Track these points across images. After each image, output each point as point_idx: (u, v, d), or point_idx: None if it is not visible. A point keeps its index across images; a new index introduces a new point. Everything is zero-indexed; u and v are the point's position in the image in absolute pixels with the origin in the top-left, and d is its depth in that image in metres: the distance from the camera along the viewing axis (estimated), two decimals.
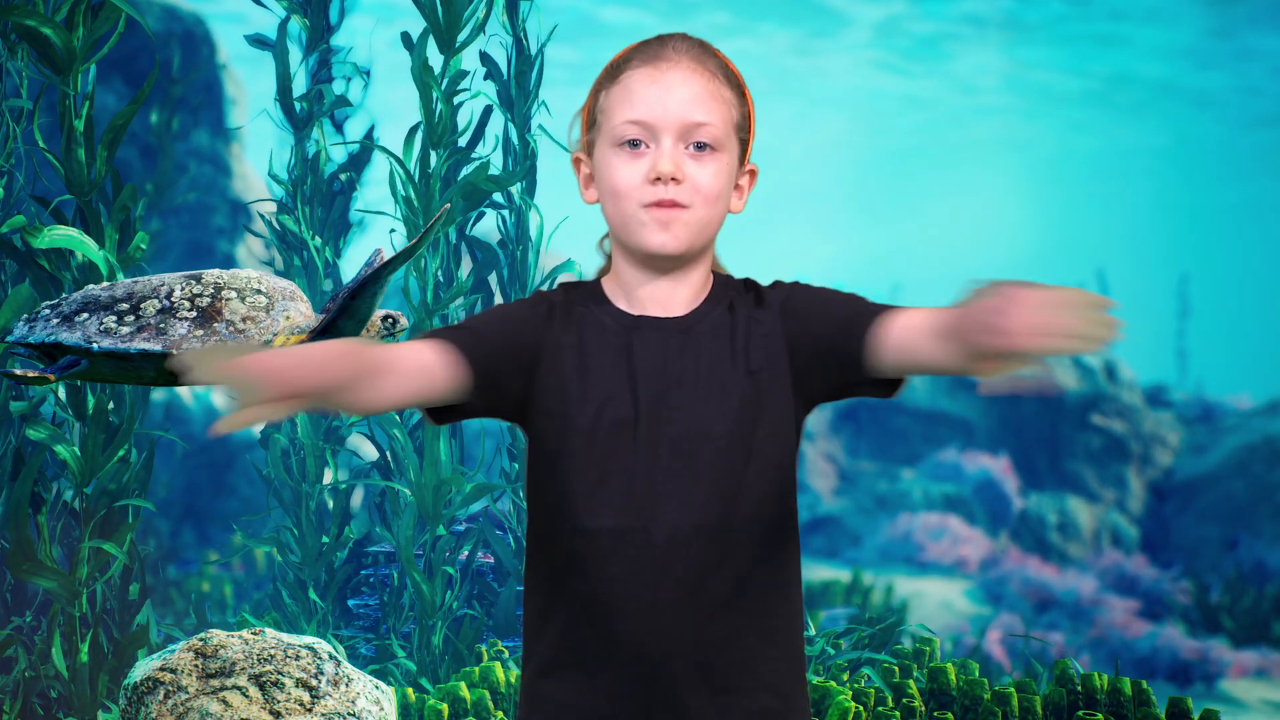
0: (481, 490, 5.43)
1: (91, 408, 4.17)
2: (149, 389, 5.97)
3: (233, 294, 3.12)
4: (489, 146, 5.83)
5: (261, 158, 6.15)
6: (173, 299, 3.10)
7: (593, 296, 2.16)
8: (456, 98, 5.55)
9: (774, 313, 2.13)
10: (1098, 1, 26.65)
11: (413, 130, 5.50)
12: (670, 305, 2.14)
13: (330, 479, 5.90)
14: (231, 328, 3.07)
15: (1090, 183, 41.63)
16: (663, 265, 2.12)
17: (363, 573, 5.86)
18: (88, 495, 4.18)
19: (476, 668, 4.60)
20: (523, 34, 6.11)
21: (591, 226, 2.26)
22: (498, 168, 5.89)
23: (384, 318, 3.32)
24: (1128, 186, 41.66)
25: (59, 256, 4.09)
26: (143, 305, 3.09)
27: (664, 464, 2.06)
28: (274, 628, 5.82)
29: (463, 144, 5.75)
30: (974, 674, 5.29)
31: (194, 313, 3.07)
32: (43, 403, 4.37)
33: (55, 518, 4.30)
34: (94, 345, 3.04)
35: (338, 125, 6.36)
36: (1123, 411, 14.07)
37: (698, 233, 2.10)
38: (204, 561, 7.73)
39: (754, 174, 2.20)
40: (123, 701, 3.13)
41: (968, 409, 14.07)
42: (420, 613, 5.38)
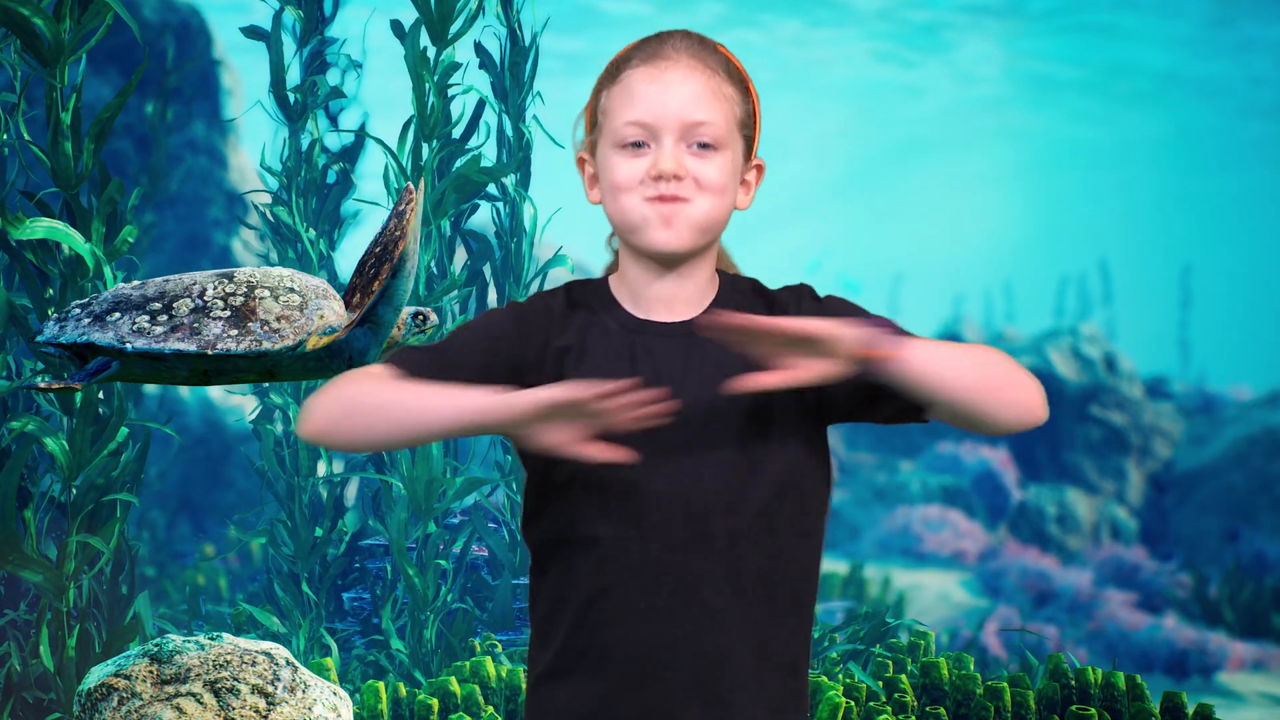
0: (472, 484, 5.41)
1: (79, 401, 4.16)
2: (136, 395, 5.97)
3: (266, 292, 3.08)
4: (482, 139, 5.81)
5: (258, 149, 6.13)
6: (205, 298, 3.06)
7: (599, 297, 2.14)
8: (449, 91, 5.53)
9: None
10: None
11: (407, 124, 5.48)
12: (675, 305, 2.12)
13: (324, 472, 5.88)
14: (266, 327, 3.04)
15: (1092, 173, 41.58)
16: (667, 263, 2.10)
17: (354, 566, 5.85)
18: (76, 489, 4.16)
19: (467, 662, 4.59)
20: (517, 25, 6.09)
21: (586, 217, 2.25)
22: (491, 160, 5.87)
23: (414, 314, 3.27)
24: (1129, 176, 41.59)
25: (45, 250, 4.07)
26: (175, 305, 3.05)
27: (666, 470, 2.04)
28: (267, 621, 5.82)
29: (456, 136, 5.73)
30: (969, 668, 5.28)
31: (228, 312, 3.04)
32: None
33: (44, 512, 4.28)
34: (127, 345, 3.00)
35: (332, 117, 6.34)
36: (1122, 403, 14.04)
37: (701, 229, 2.08)
38: (199, 556, 7.72)
39: (761, 169, 2.18)
40: (76, 708, 3.12)
41: None
42: (412, 606, 5.37)
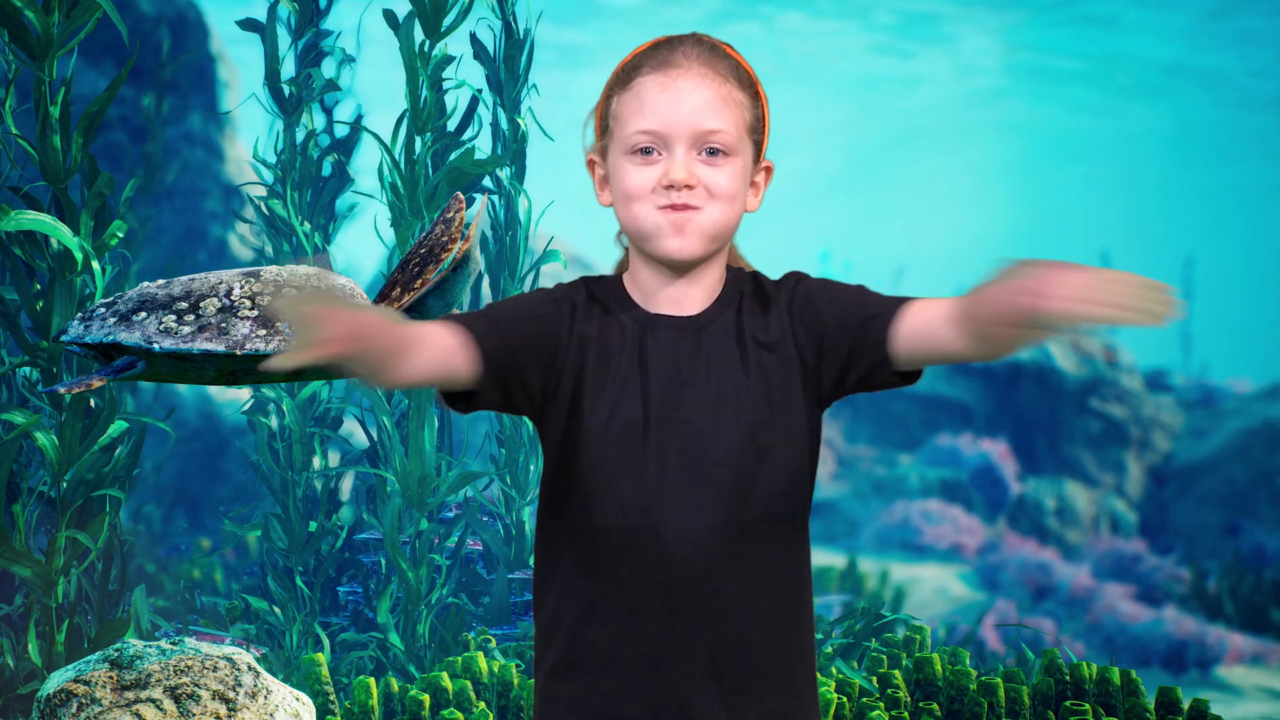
0: (466, 479, 5.40)
1: (69, 396, 4.14)
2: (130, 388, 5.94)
3: (294, 291, 3.06)
4: (475, 131, 5.79)
5: (256, 142, 6.10)
6: (232, 297, 3.04)
7: (613, 294, 2.16)
8: (443, 84, 5.51)
9: (782, 311, 2.13)
10: None
11: (400, 118, 5.46)
12: (684, 304, 2.14)
13: (319, 465, 5.87)
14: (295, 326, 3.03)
15: (1093, 165, 41.53)
16: (678, 268, 2.12)
17: (345, 556, 5.84)
18: (65, 484, 4.15)
19: (459, 657, 4.58)
20: (512, 18, 6.07)
21: (582, 209, 2.26)
22: (486, 153, 5.85)
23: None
24: (1130, 169, 41.54)
25: (33, 244, 4.06)
26: (202, 304, 3.03)
27: (674, 464, 2.07)
28: (262, 613, 5.81)
29: (450, 129, 5.71)
30: (964, 662, 5.27)
31: (255, 311, 3.02)
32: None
33: (33, 507, 4.26)
34: (155, 346, 2.98)
35: (327, 110, 6.32)
36: (1122, 396, 14.02)
37: (713, 236, 2.10)
38: (196, 549, 7.71)
39: (769, 171, 2.20)
40: (36, 714, 3.11)
41: (966, 393, 14.03)
42: (405, 600, 5.36)
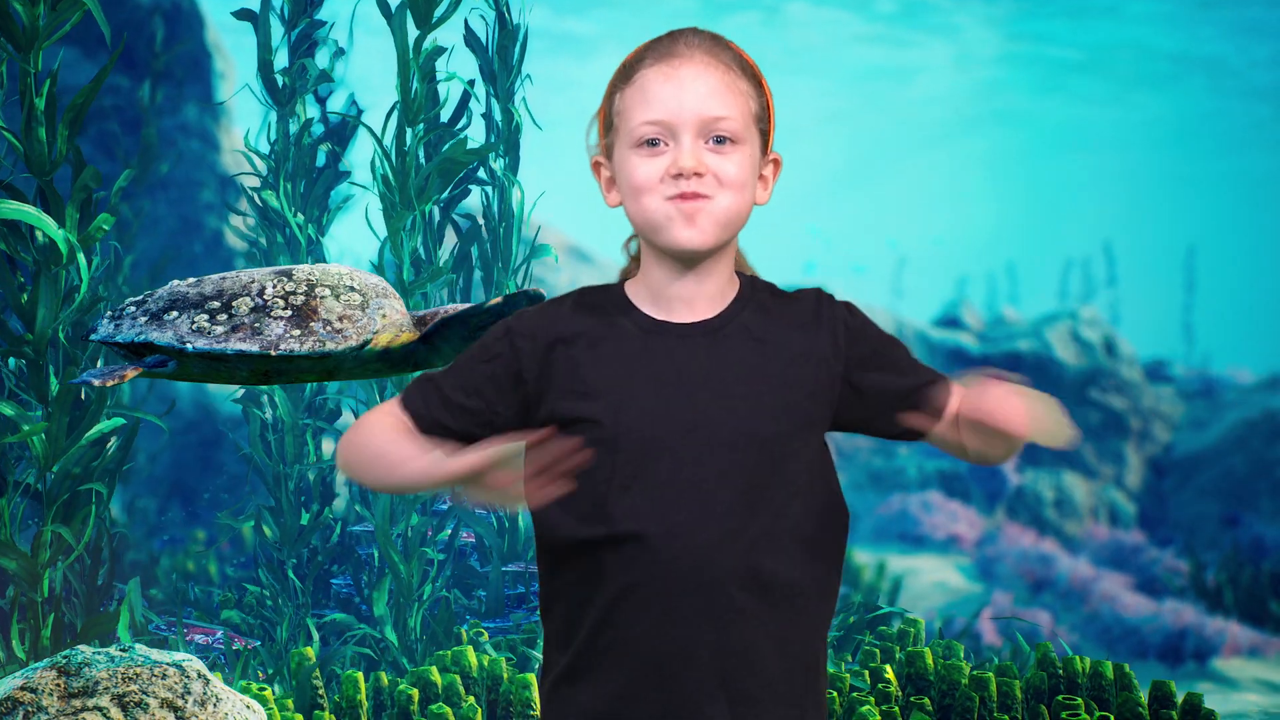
0: None
1: (56, 390, 4.12)
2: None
3: (326, 291, 3.04)
4: (466, 122, 5.77)
5: (251, 133, 6.08)
6: (265, 296, 3.02)
7: (614, 302, 2.14)
8: (435, 75, 5.49)
9: (833, 336, 2.13)
10: None
11: (390, 110, 5.45)
12: (696, 303, 2.11)
13: (312, 458, 5.85)
14: (329, 327, 2.99)
15: (1095, 155, 41.45)
16: (690, 261, 2.10)
17: (332, 547, 5.82)
18: (51, 478, 4.13)
19: (449, 651, 4.56)
20: (505, 9, 6.04)
21: (579, 200, 2.25)
22: (480, 143, 5.82)
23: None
24: (1134, 159, 41.47)
25: (18, 237, 4.04)
26: (235, 303, 3.01)
27: (687, 470, 2.04)
28: (255, 605, 5.80)
29: (444, 120, 5.69)
30: (959, 655, 5.25)
31: (289, 311, 2.99)
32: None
33: (19, 500, 4.25)
34: (188, 346, 2.95)
35: (321, 100, 6.29)
36: (1122, 387, 13.99)
37: (724, 224, 2.07)
38: (190, 542, 7.70)
39: (778, 164, 2.19)
40: None
41: None
42: (397, 593, 5.35)
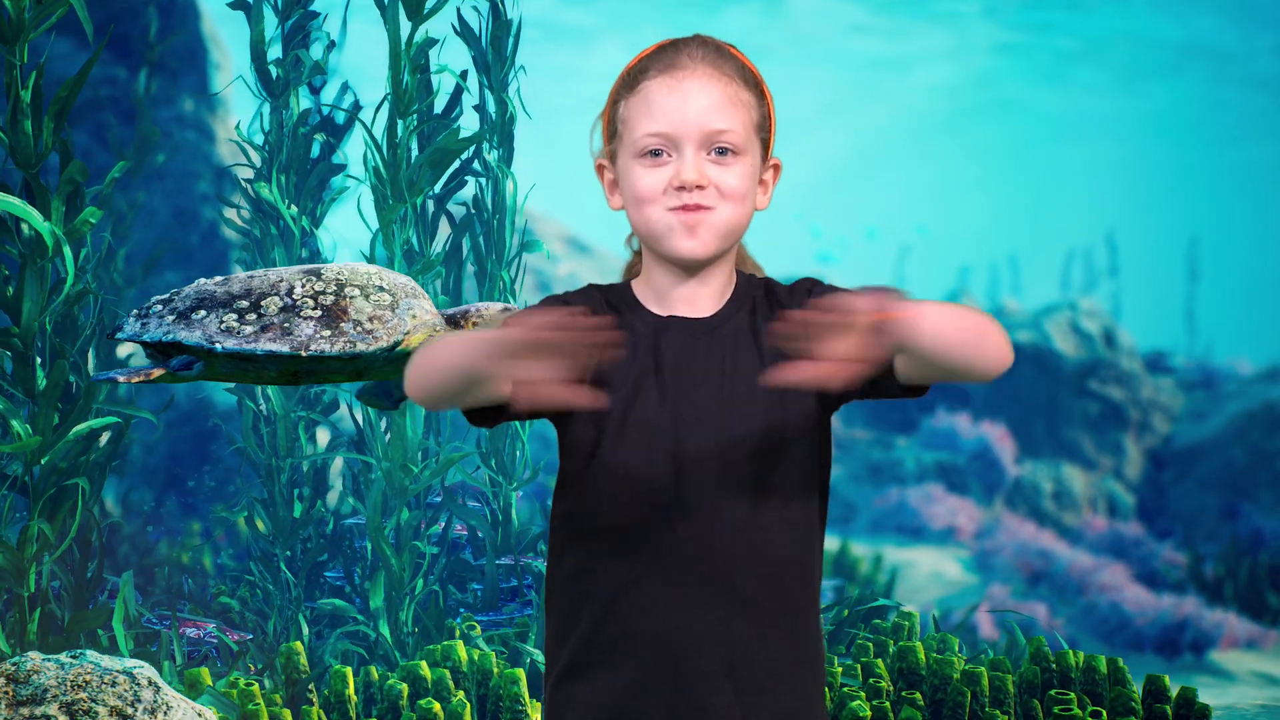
0: (446, 464, 5.36)
1: (44, 383, 4.10)
2: (119, 365, 5.92)
3: (356, 291, 3.02)
4: (459, 114, 5.75)
5: (246, 125, 6.06)
6: (294, 296, 2.99)
7: (624, 300, 2.18)
8: (428, 68, 5.47)
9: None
10: None
11: (380, 101, 5.43)
12: (697, 304, 2.16)
13: (306, 451, 5.83)
14: (359, 327, 2.97)
15: (1098, 145, 41.39)
16: (690, 268, 2.14)
17: (324, 541, 5.81)
18: (37, 472, 4.11)
19: (439, 646, 4.55)
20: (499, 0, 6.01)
21: (575, 191, 2.26)
22: (472, 134, 5.80)
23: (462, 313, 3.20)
24: (1136, 149, 41.42)
25: (3, 230, 4.02)
26: (263, 303, 2.98)
27: (689, 464, 2.07)
28: (247, 599, 5.78)
29: (436, 111, 5.67)
30: (954, 648, 5.23)
31: (318, 311, 2.98)
32: None
33: (6, 494, 4.23)
34: (217, 346, 2.93)
35: (315, 90, 6.27)
36: (1121, 378, 13.95)
37: (724, 235, 2.12)
38: (186, 534, 7.68)
39: (778, 168, 2.22)
40: None
41: None
42: (388, 587, 5.33)
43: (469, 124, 5.84)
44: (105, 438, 4.49)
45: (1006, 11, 28.26)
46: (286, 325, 2.95)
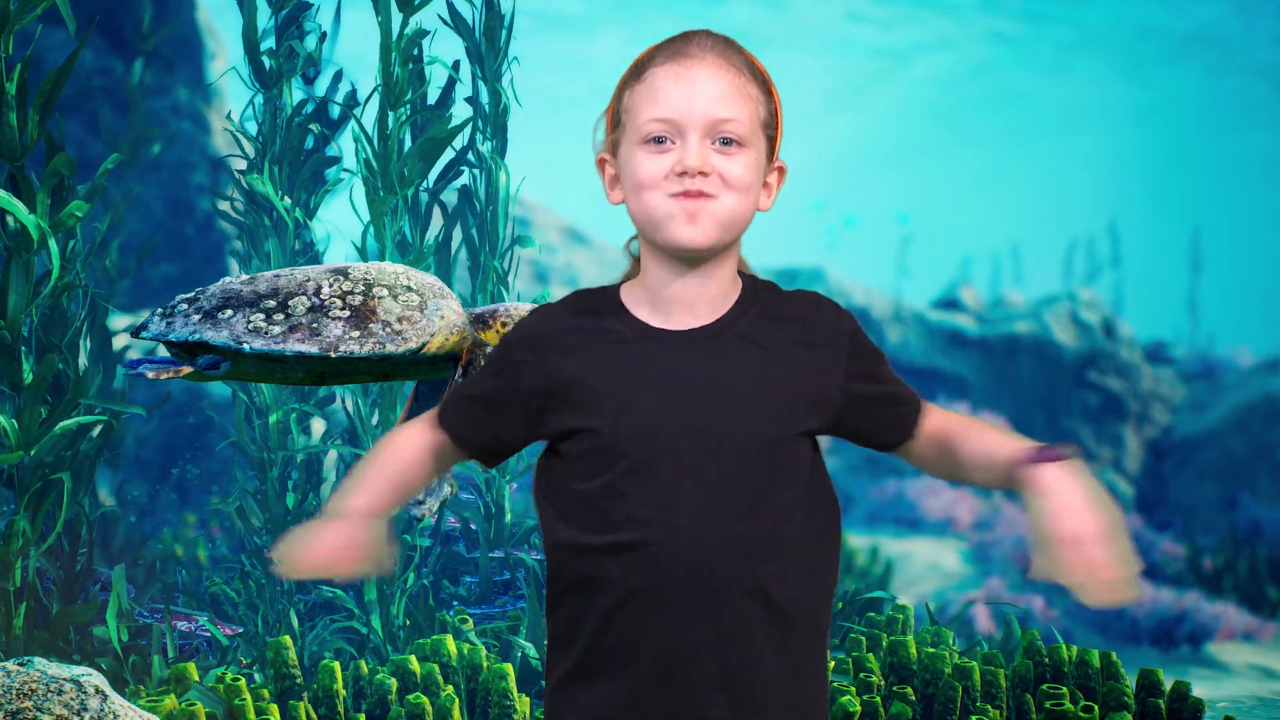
0: None
1: (30, 377, 4.08)
2: (113, 357, 5.89)
3: (384, 291, 2.99)
4: (452, 105, 5.73)
5: (238, 114, 6.04)
6: (322, 296, 2.97)
7: (609, 306, 2.14)
8: (419, 59, 5.44)
9: (837, 347, 2.14)
10: None
11: (370, 93, 5.42)
12: (697, 306, 2.11)
13: (298, 443, 5.82)
14: (388, 328, 2.95)
15: (1101, 135, 41.33)
16: (690, 261, 2.09)
17: None
18: (23, 466, 4.10)
19: (428, 640, 4.53)
20: None
21: (573, 182, 2.25)
22: (467, 127, 5.78)
23: (479, 315, 3.19)
24: (1139, 138, 41.34)
25: None
26: (291, 302, 2.95)
27: (689, 475, 2.05)
28: (240, 591, 5.77)
29: (429, 103, 5.65)
30: (948, 642, 5.21)
31: (347, 311, 2.95)
32: None
33: None
34: (245, 346, 2.90)
35: (309, 80, 6.24)
36: (1121, 369, 13.92)
37: (726, 226, 2.07)
38: (181, 526, 7.68)
39: (782, 171, 2.19)
40: None
41: (963, 366, 13.94)
42: (379, 580, 5.32)
43: (461, 115, 5.82)
44: (97, 430, 4.47)
45: (1007, 1, 28.21)
46: (315, 326, 2.92)
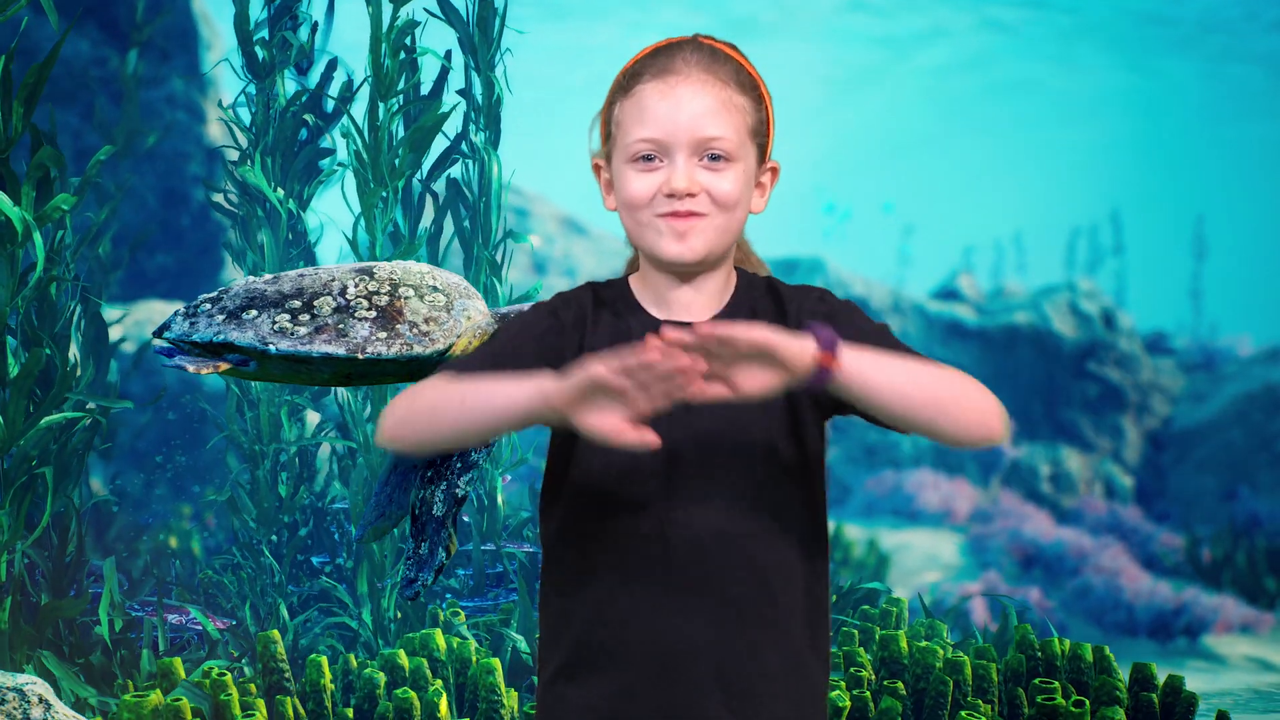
0: None
1: (15, 372, 4.06)
2: (108, 355, 5.87)
3: (410, 291, 2.97)
4: (448, 96, 5.71)
5: (232, 104, 6.01)
6: (348, 296, 2.95)
7: (622, 299, 2.17)
8: (411, 50, 5.42)
9: (795, 321, 2.12)
10: None
11: (361, 84, 5.39)
12: (695, 307, 2.14)
13: (290, 435, 5.80)
14: (415, 329, 2.92)
15: (1103, 123, 41.27)
16: (682, 272, 2.12)
17: (301, 531, 5.78)
18: (8, 460, 4.08)
19: (417, 634, 4.52)
20: None
21: (567, 171, 2.24)
22: (459, 118, 5.76)
23: (502, 317, 3.17)
24: (1142, 126, 41.28)
25: None
26: (316, 303, 2.93)
27: (684, 468, 2.06)
28: (230, 583, 5.75)
29: (417, 94, 5.62)
30: (942, 634, 5.19)
31: (373, 312, 2.93)
32: None
33: None
34: (270, 347, 2.88)
35: (303, 71, 6.22)
36: (1120, 360, 13.89)
37: (715, 240, 2.09)
38: (175, 518, 7.67)
39: (775, 171, 2.20)
40: None
41: (963, 356, 13.91)
42: (370, 574, 5.31)
43: (453, 105, 5.79)
44: (84, 423, 4.45)
45: None
46: (341, 326, 2.90)
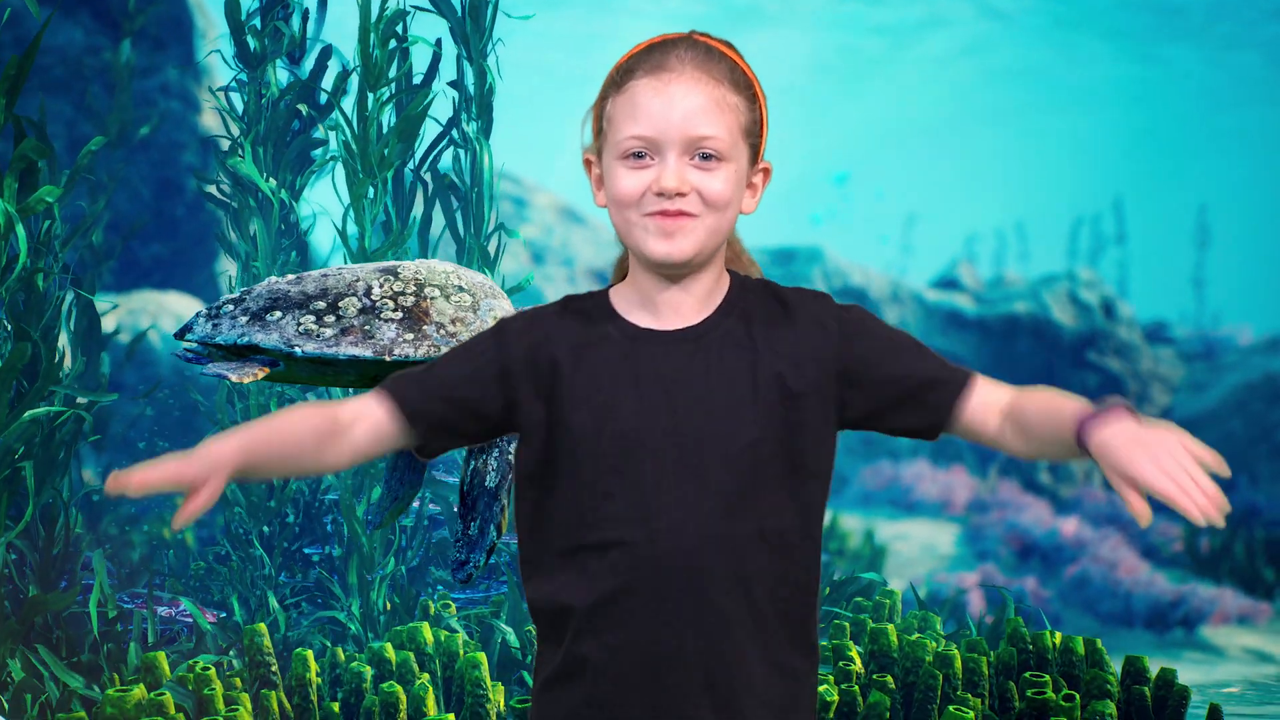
0: None
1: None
2: (100, 346, 5.85)
3: (435, 291, 2.94)
4: (439, 87, 5.69)
5: (222, 93, 5.99)
6: (373, 296, 2.91)
7: (598, 308, 2.14)
8: (400, 42, 5.40)
9: (826, 335, 2.11)
10: None
11: (349, 75, 5.37)
12: (682, 310, 2.12)
13: None
14: (442, 330, 2.90)
15: (1106, 111, 41.21)
16: (670, 272, 2.10)
17: (290, 521, 5.76)
18: None
19: (405, 628, 4.50)
20: None
21: (565, 160, 2.21)
22: (449, 108, 5.74)
23: None
24: (1144, 114, 41.21)
25: None
26: (342, 304, 2.90)
27: (670, 475, 2.04)
28: (224, 577, 5.74)
29: (407, 85, 5.60)
30: (935, 626, 5.17)
31: (399, 313, 2.89)
32: None
33: None
34: (296, 349, 2.84)
35: (296, 60, 6.19)
36: (1120, 349, 13.87)
37: (704, 240, 2.07)
38: (168, 510, 7.65)
39: (767, 172, 2.17)
40: None
41: (961, 346, 13.88)
42: (360, 567, 5.29)
43: (446, 98, 5.77)
44: (66, 417, 4.43)
45: None
46: (367, 328, 2.86)
